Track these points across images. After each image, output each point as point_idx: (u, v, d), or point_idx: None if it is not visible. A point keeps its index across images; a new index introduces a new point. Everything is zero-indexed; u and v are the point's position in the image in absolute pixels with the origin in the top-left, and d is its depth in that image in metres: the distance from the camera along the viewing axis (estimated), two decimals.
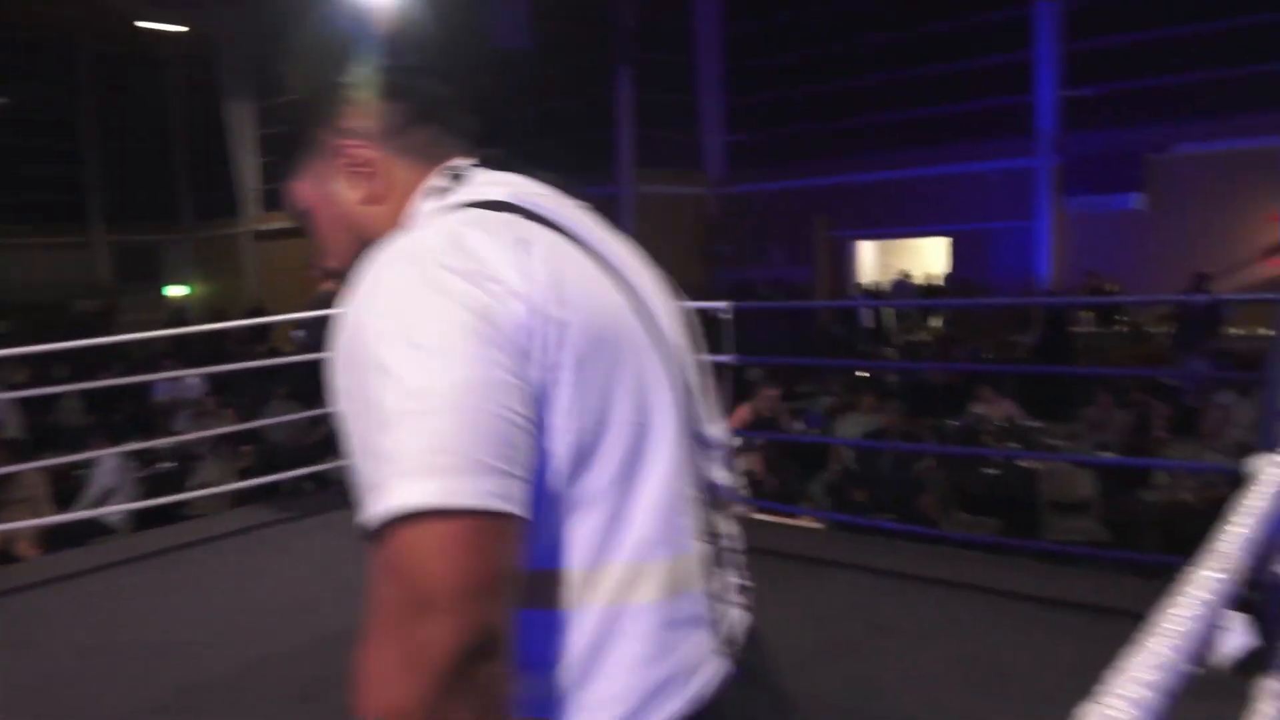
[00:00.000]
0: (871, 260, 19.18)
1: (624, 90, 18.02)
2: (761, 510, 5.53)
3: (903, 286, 17.29)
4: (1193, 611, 0.73)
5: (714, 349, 4.50)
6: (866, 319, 16.39)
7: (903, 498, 6.18)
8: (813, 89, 18.21)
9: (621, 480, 0.89)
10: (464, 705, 0.73)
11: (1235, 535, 0.92)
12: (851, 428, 7.32)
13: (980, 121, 16.14)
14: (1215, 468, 5.36)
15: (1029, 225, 15.48)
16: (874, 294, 17.51)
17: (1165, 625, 0.70)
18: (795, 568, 4.26)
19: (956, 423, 7.55)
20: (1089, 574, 4.40)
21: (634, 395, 0.92)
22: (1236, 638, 0.94)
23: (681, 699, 0.92)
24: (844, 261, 18.27)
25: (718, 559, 1.01)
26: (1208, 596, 0.77)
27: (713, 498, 1.01)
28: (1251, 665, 2.89)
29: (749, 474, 6.26)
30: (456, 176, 1.02)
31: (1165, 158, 14.22)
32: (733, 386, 5.03)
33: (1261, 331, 10.47)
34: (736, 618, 1.04)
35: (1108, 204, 14.58)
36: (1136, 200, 14.40)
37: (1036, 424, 7.48)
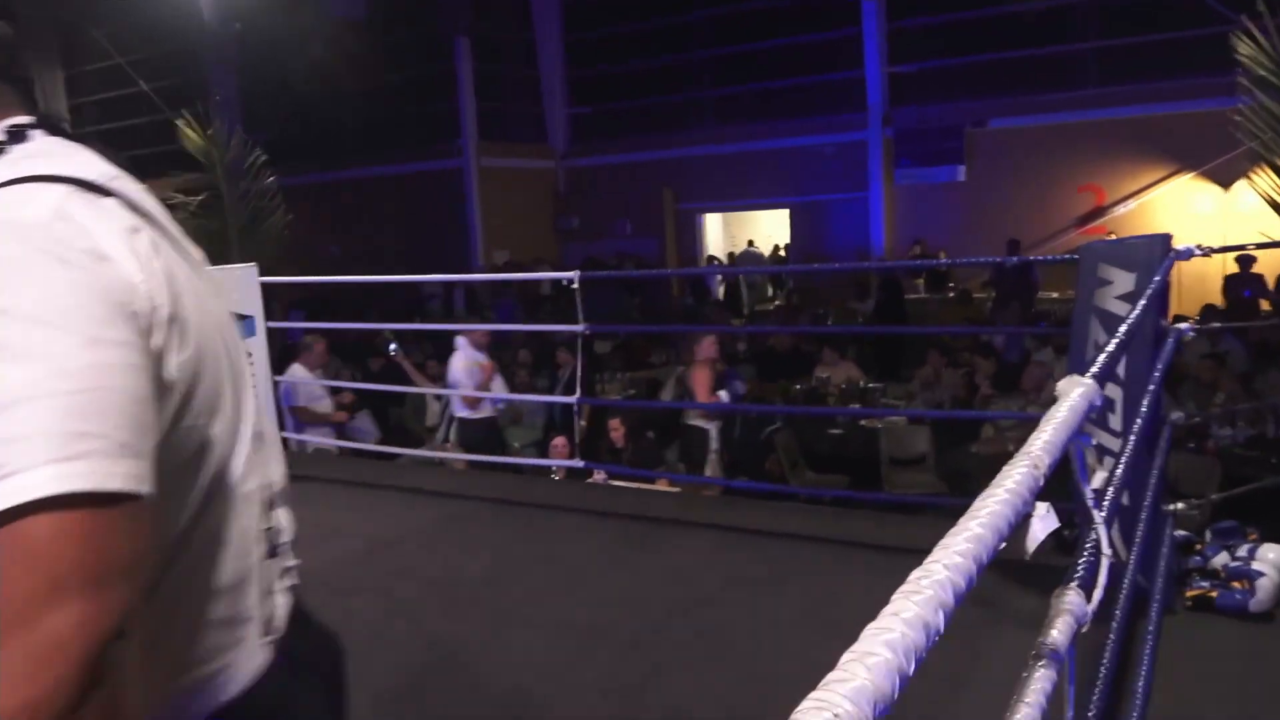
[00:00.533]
0: (717, 232, 19.60)
1: (464, 62, 17.70)
2: (622, 478, 5.64)
3: (749, 256, 17.77)
4: (1003, 499, 0.84)
5: (565, 319, 4.54)
6: (716, 290, 16.77)
7: (755, 459, 6.42)
8: (651, 62, 18.39)
9: (215, 479, 0.93)
10: (98, 692, 0.70)
11: (1042, 439, 1.05)
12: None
13: (816, 96, 16.69)
14: (1038, 418, 5.78)
15: (863, 196, 16.16)
16: (722, 265, 17.92)
17: (980, 510, 0.80)
18: (656, 529, 4.39)
19: (802, 386, 7.86)
20: (926, 521, 4.70)
21: (230, 396, 0.95)
22: (1042, 523, 1.08)
23: (222, 692, 0.97)
24: (691, 233, 18.60)
25: (272, 552, 1.05)
26: (1017, 488, 0.88)
27: (269, 494, 1.05)
28: (1057, 547, 3.16)
29: (610, 444, 6.35)
30: (15, 136, 0.90)
31: (984, 132, 15.11)
32: (585, 357, 5.08)
33: (1072, 294, 11.30)
34: (284, 607, 1.08)
35: (933, 176, 15.40)
36: (959, 172, 15.25)
37: (876, 385, 7.88)
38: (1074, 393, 1.30)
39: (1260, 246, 3.62)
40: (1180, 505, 3.51)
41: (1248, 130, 5.09)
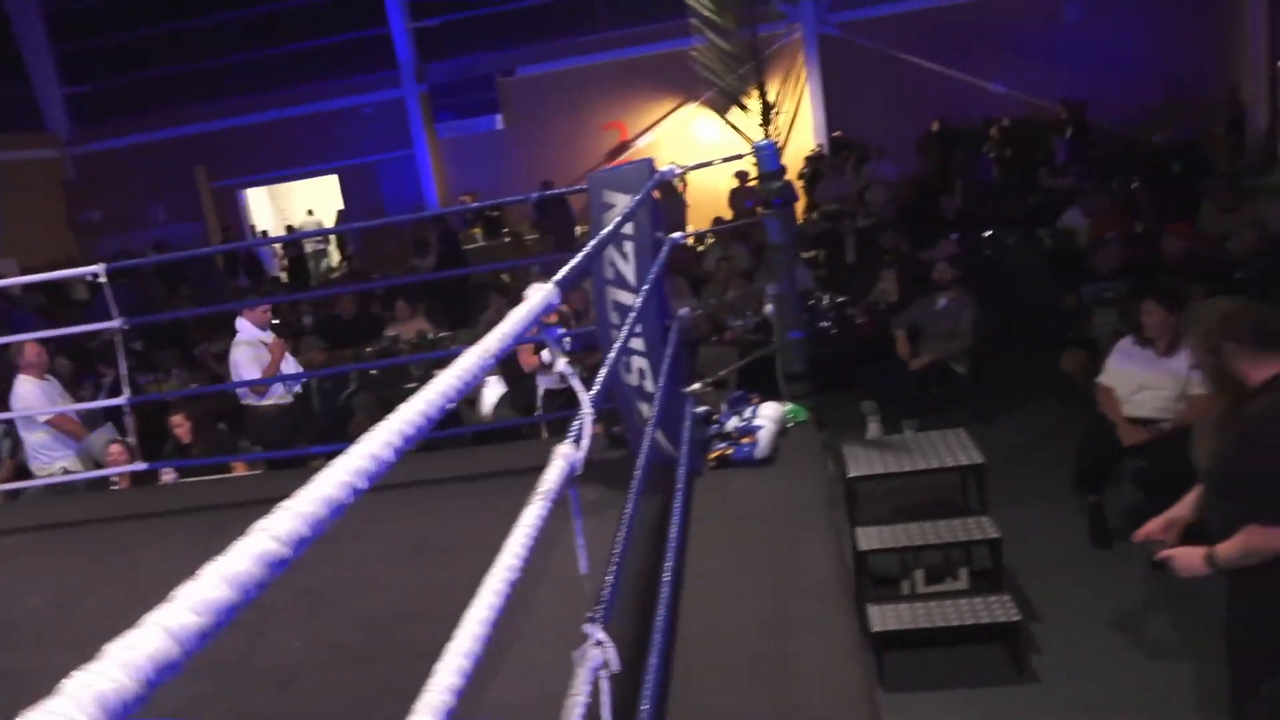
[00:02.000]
0: (265, 207, 18.62)
1: None
2: (194, 473, 5.39)
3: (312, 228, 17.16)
4: (458, 374, 1.10)
5: (98, 317, 4.24)
6: (275, 267, 16.03)
7: (337, 426, 6.43)
8: (155, 29, 16.82)
9: None
10: None
11: (499, 331, 1.33)
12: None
13: (345, 56, 16.36)
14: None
15: (410, 154, 16.25)
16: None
17: (438, 380, 1.06)
18: (238, 515, 4.30)
19: (373, 348, 7.94)
20: (502, 448, 5.09)
21: None
22: (491, 391, 1.38)
23: None
24: (235, 212, 17.49)
25: None
26: (474, 364, 1.14)
27: None
28: (611, 443, 3.66)
29: (176, 442, 6.00)
30: None
31: (514, 80, 15.84)
32: (127, 354, 4.78)
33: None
34: None
35: (474, 126, 15.89)
36: (497, 121, 15.89)
37: (445, 334, 8.17)
38: (535, 295, 1.61)
39: (725, 160, 4.35)
40: (696, 386, 4.18)
41: (703, 65, 5.99)
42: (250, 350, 6.17)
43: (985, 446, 4.73)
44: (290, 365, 6.40)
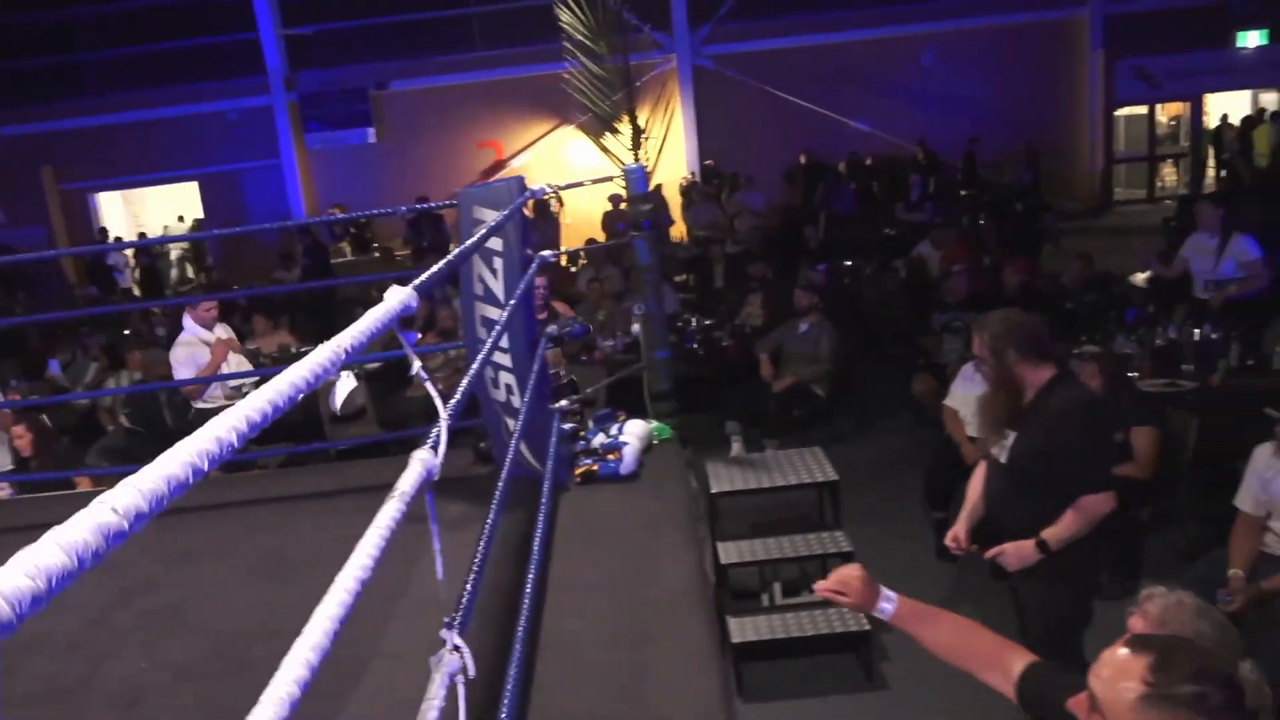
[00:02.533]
0: (119, 213, 17.71)
1: None
2: (35, 489, 5.09)
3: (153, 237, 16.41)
4: (309, 367, 1.12)
5: None
6: (128, 277, 15.26)
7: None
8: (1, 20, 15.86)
9: None
10: None
11: (352, 331, 1.35)
12: (127, 385, 6.99)
13: (212, 58, 15.80)
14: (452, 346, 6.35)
15: (276, 164, 15.79)
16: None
17: (289, 372, 1.07)
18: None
19: None
20: (369, 464, 5.00)
21: None
22: (342, 385, 1.40)
23: None
24: (85, 216, 16.57)
25: None
26: (324, 360, 1.16)
27: None
28: (479, 458, 3.67)
29: (16, 456, 5.67)
30: None
31: (388, 94, 15.62)
32: None
33: None
34: None
35: (345, 139, 15.58)
36: (369, 134, 15.62)
37: (308, 349, 7.96)
38: (392, 297, 1.63)
39: (595, 181, 4.44)
40: (563, 403, 4.22)
41: (576, 89, 6.11)
42: (187, 350, 5.84)
43: (841, 465, 4.93)
44: (239, 362, 6.06)
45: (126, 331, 9.20)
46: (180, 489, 0.81)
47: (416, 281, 1.82)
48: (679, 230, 13.22)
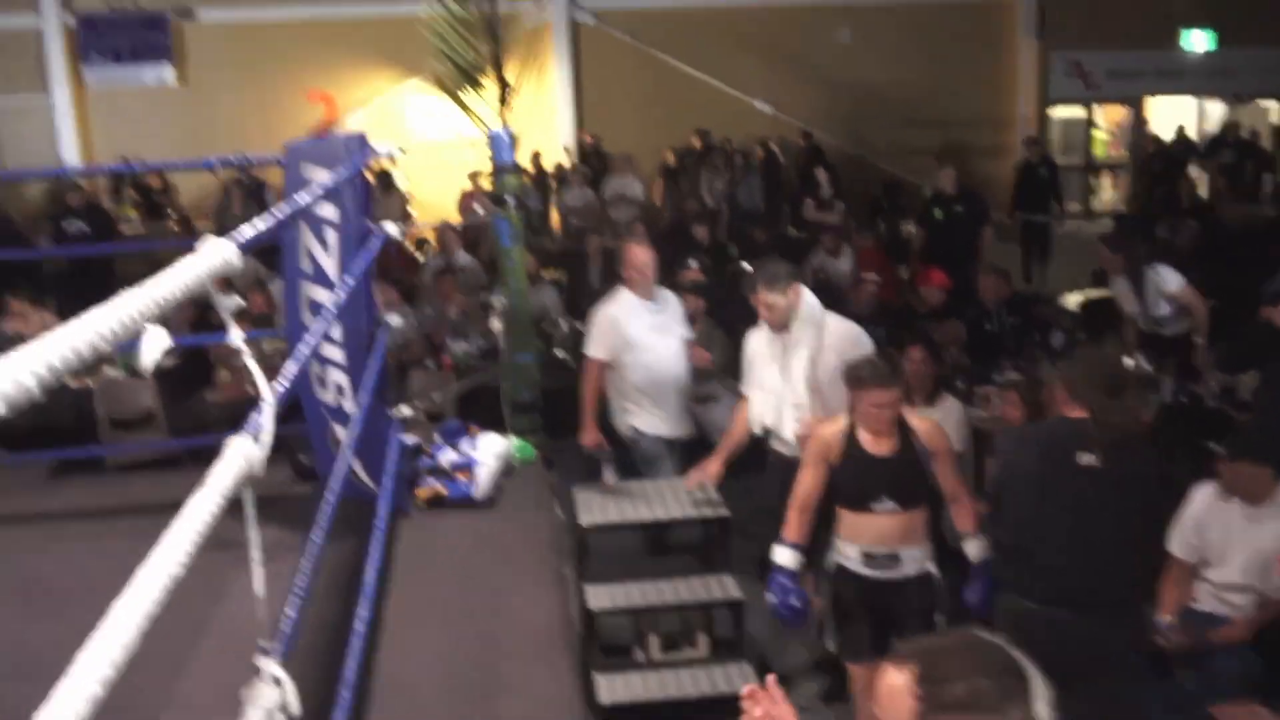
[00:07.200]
0: None
1: None
2: None
3: None
4: (106, 322, 1.11)
5: None
6: None
7: None
8: None
9: None
10: None
11: (165, 280, 1.34)
12: None
13: None
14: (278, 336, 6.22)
15: (43, 101, 15.15)
16: None
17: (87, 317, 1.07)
18: None
19: None
20: (155, 478, 4.85)
21: None
22: (150, 340, 1.40)
23: None
24: None
25: None
26: (128, 312, 1.16)
27: None
28: (298, 475, 3.64)
29: None
30: None
31: (193, 25, 15.17)
32: None
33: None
34: None
35: (135, 77, 15.04)
36: (166, 74, 15.12)
37: None
38: (210, 249, 1.62)
39: (455, 143, 4.43)
40: (405, 410, 4.20)
41: (434, 32, 6.07)
42: None
43: (734, 497, 5.03)
44: None
45: None
46: None
47: (239, 237, 1.80)
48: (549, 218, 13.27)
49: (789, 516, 4.03)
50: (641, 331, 5.17)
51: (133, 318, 1.24)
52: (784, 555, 3.93)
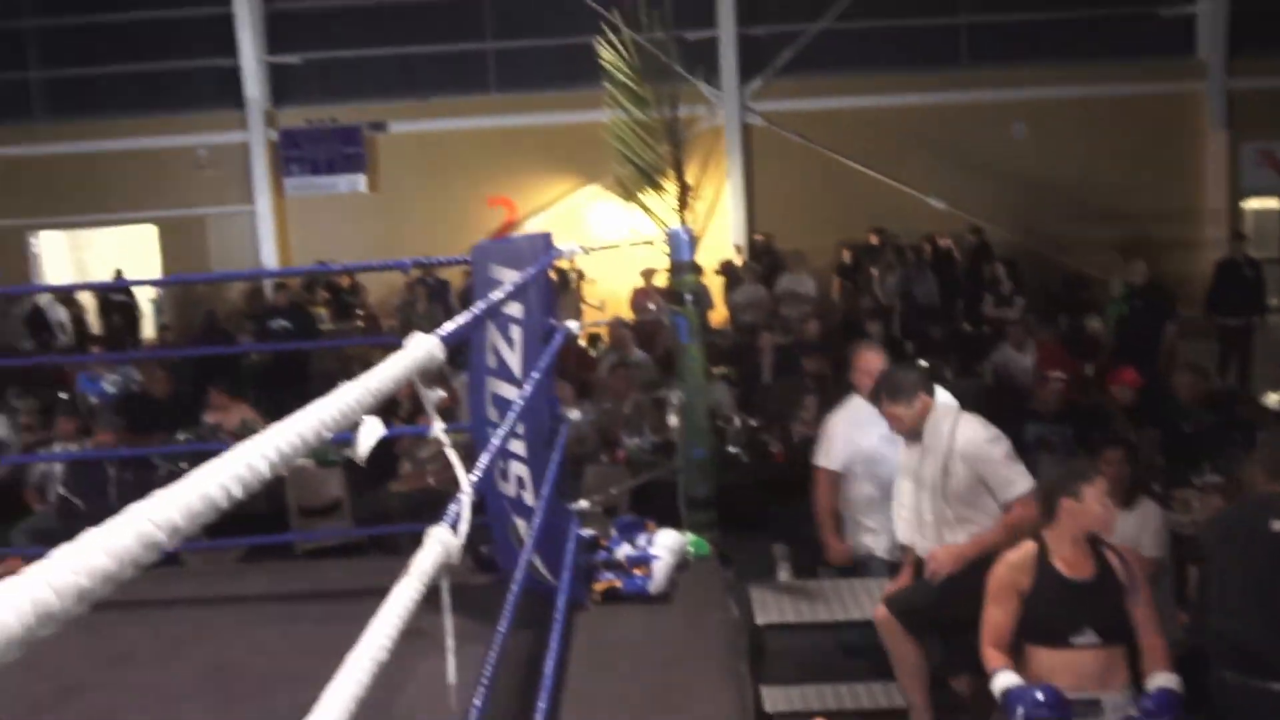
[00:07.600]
0: (61, 256, 18.02)
1: None
2: None
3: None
4: (335, 403, 1.17)
5: None
6: (66, 330, 15.44)
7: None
8: None
9: None
10: None
11: (379, 374, 1.40)
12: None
13: (182, 85, 16.25)
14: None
15: (249, 210, 16.11)
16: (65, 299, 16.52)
17: (313, 407, 1.12)
18: None
19: (186, 435, 7.76)
20: (342, 565, 5.02)
21: None
22: (368, 429, 1.45)
23: None
24: (19, 258, 16.84)
25: None
26: (354, 400, 1.21)
27: None
28: (478, 566, 3.70)
29: None
30: None
31: (385, 136, 16.00)
32: None
33: None
34: None
35: (330, 186, 15.91)
36: (359, 182, 15.95)
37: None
38: (416, 345, 1.70)
39: (635, 244, 4.54)
40: (583, 503, 4.25)
41: (616, 137, 6.28)
42: None
43: None
44: None
45: (63, 395, 9.33)
46: (125, 568, 0.80)
47: (441, 331, 1.88)
48: (719, 314, 13.34)
49: (986, 654, 3.67)
50: (876, 442, 4.90)
51: (352, 408, 1.30)
52: (1007, 678, 3.56)
